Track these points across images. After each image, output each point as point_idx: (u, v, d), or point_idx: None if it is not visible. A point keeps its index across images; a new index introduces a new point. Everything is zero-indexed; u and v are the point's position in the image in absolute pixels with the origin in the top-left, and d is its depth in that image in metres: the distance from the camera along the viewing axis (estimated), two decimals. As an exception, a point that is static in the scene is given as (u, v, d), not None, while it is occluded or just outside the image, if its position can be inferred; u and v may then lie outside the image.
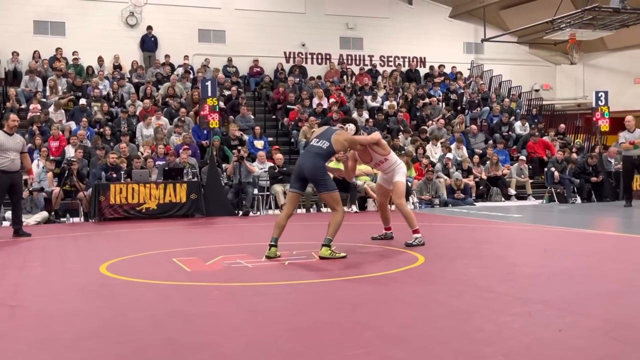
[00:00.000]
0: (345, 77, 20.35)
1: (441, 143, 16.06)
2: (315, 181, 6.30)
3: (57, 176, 12.22)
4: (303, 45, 21.10)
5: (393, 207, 12.69)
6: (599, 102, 14.99)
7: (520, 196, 15.33)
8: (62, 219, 11.95)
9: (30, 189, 11.26)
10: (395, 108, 17.76)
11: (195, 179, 12.42)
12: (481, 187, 14.98)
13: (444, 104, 19.40)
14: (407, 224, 7.00)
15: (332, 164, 7.13)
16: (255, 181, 13.14)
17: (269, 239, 6.27)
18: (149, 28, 19.10)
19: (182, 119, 15.39)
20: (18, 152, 8.90)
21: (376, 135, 7.29)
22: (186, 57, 19.21)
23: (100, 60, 18.17)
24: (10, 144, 8.76)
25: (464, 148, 16.15)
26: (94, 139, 14.04)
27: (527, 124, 18.32)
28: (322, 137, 6.41)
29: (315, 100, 17.52)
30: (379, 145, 6.90)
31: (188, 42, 19.70)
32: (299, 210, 13.08)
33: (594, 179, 14.75)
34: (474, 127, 17.46)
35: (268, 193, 13.18)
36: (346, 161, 7.38)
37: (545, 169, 15.29)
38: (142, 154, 13.67)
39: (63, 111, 15.42)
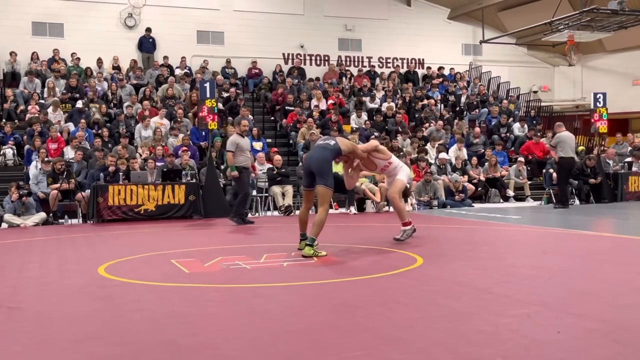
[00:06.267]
0: (343, 78, 20.34)
1: (438, 144, 16.06)
2: (319, 172, 6.57)
3: (53, 177, 12.18)
4: (301, 46, 21.10)
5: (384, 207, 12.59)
6: (597, 103, 14.99)
7: (519, 198, 15.34)
8: (60, 221, 11.93)
9: (20, 193, 11.17)
10: (394, 109, 17.76)
11: (194, 181, 12.42)
12: (479, 189, 14.97)
13: (442, 105, 19.40)
14: (397, 217, 7.42)
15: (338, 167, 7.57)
16: (253, 183, 13.13)
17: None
18: (148, 30, 19.09)
19: (180, 120, 15.39)
20: (250, 151, 11.00)
21: (373, 142, 7.66)
22: (184, 58, 19.21)
23: (100, 61, 18.15)
24: (245, 144, 10.62)
25: (464, 149, 16.14)
26: (96, 142, 13.99)
27: (525, 126, 18.32)
28: (327, 139, 6.93)
29: (314, 102, 17.52)
30: (378, 151, 7.31)
31: (186, 43, 19.68)
32: (296, 212, 13.08)
33: (592, 180, 14.75)
34: (477, 129, 17.40)
35: (266, 194, 13.19)
36: (347, 167, 7.46)
37: (544, 171, 15.29)
38: (141, 155, 13.67)
39: (62, 112, 15.40)
